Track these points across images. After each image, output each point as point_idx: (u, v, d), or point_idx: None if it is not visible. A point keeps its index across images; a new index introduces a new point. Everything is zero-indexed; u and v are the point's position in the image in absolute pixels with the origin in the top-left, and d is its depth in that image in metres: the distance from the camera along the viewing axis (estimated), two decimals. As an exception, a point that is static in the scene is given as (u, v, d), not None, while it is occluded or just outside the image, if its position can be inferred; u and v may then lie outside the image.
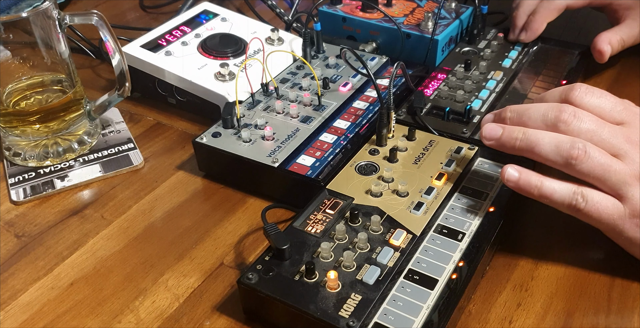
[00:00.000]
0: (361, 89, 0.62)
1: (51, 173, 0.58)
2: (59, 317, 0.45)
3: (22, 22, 0.53)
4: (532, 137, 0.44)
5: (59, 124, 0.59)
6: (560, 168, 0.44)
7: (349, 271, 0.42)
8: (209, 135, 0.56)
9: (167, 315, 0.45)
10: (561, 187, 0.43)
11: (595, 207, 0.42)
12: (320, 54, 0.67)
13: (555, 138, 0.44)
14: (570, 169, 0.43)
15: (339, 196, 0.48)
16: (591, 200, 0.43)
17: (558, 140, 0.43)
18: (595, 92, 0.46)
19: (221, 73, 0.62)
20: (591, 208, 0.43)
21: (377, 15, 0.71)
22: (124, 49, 0.62)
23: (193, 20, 0.70)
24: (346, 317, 0.38)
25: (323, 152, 0.54)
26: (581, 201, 0.43)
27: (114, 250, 0.50)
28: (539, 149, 0.44)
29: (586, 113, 0.44)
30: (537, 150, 0.44)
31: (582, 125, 0.44)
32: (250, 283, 0.41)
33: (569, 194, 0.43)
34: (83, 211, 0.55)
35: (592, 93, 0.46)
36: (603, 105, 0.45)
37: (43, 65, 0.58)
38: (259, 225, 0.52)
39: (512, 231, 0.50)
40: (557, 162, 0.43)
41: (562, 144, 0.43)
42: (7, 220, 0.54)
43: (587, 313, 0.43)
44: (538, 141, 0.44)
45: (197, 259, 0.49)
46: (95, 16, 0.55)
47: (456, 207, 0.48)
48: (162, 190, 0.57)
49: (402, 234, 0.44)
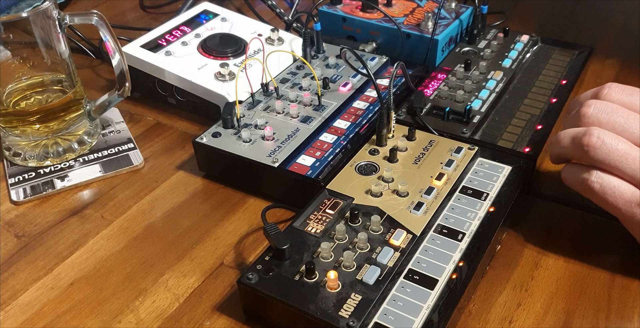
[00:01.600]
0: (361, 89, 0.62)
1: (51, 173, 0.58)
2: (59, 317, 0.45)
3: (22, 22, 0.53)
4: (554, 138, 0.45)
5: (59, 124, 0.59)
6: (578, 158, 0.44)
7: (349, 271, 0.42)
8: (209, 135, 0.56)
9: (167, 315, 0.45)
10: (576, 166, 0.44)
11: (612, 191, 0.42)
12: (320, 54, 0.67)
13: (573, 130, 0.44)
14: (586, 157, 0.43)
15: (339, 196, 0.48)
16: (607, 183, 0.42)
17: (575, 131, 0.44)
18: (627, 90, 0.45)
19: (221, 73, 0.62)
20: (607, 191, 0.42)
21: (377, 15, 0.71)
22: (124, 49, 0.62)
23: (193, 20, 0.70)
24: (346, 317, 0.38)
25: (323, 152, 0.54)
26: (594, 180, 0.42)
27: (114, 250, 0.50)
28: (560, 144, 0.44)
29: (609, 104, 0.44)
30: (557, 146, 0.45)
31: (601, 115, 0.43)
32: (250, 283, 0.41)
33: (583, 172, 0.43)
34: (83, 211, 0.55)
35: (623, 90, 0.45)
36: (634, 101, 0.44)
37: (43, 65, 0.58)
38: (259, 225, 0.52)
39: (513, 231, 0.50)
40: (574, 152, 0.44)
41: (578, 134, 0.43)
42: (7, 220, 0.54)
43: (587, 313, 0.43)
44: (558, 138, 0.45)
45: (197, 259, 0.49)
46: (95, 16, 0.55)
47: (456, 207, 0.47)
48: (162, 190, 0.57)
49: (402, 234, 0.44)
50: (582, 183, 0.43)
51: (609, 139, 0.42)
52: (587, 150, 0.42)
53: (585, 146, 0.42)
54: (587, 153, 0.42)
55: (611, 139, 0.42)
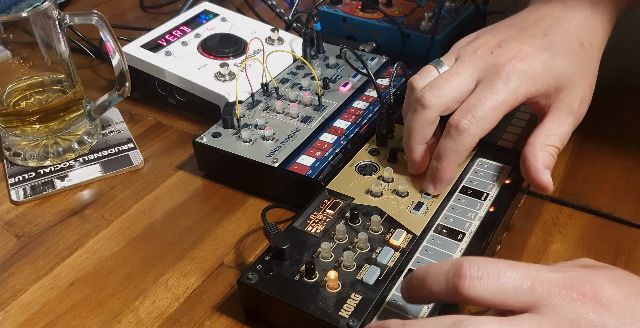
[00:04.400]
0: (361, 89, 0.62)
1: (51, 173, 0.58)
2: (59, 317, 0.45)
3: (22, 22, 0.53)
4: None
5: (59, 124, 0.59)
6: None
7: (349, 271, 0.42)
8: (209, 135, 0.56)
9: (167, 315, 0.45)
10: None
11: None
12: (320, 54, 0.67)
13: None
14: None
15: (339, 196, 0.48)
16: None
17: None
18: (490, 271, 0.33)
19: (221, 73, 0.62)
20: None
21: (377, 15, 0.70)
22: (124, 49, 0.62)
23: (193, 20, 0.70)
24: (346, 317, 0.38)
25: (323, 152, 0.54)
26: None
27: (114, 250, 0.50)
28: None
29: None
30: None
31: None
32: (250, 283, 0.41)
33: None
34: (83, 211, 0.55)
35: (487, 274, 0.33)
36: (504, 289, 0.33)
37: (43, 65, 0.58)
38: (259, 225, 0.52)
39: (513, 231, 0.50)
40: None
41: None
42: (7, 220, 0.54)
43: (587, 313, 0.43)
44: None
45: (197, 259, 0.49)
46: (95, 16, 0.55)
47: (456, 207, 0.47)
48: (162, 190, 0.57)
49: (402, 234, 0.44)
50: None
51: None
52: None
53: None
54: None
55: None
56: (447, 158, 0.46)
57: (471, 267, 0.33)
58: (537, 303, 0.32)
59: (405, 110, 0.49)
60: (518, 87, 0.45)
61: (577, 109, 0.47)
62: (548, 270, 0.34)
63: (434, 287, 0.34)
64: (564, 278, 0.33)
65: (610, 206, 0.52)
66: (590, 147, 0.59)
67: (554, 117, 0.47)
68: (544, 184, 0.46)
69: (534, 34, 0.48)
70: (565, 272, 0.33)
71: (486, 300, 0.33)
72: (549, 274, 0.33)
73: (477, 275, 0.33)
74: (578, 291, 0.32)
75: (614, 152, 0.58)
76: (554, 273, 0.33)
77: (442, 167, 0.46)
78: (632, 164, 0.56)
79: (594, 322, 0.31)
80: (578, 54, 0.47)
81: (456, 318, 0.32)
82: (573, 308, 0.32)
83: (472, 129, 0.45)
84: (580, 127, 0.48)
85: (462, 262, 0.33)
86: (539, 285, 0.32)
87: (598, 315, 0.31)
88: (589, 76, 0.48)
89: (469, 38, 0.50)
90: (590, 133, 0.60)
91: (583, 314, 0.31)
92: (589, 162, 0.57)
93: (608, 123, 0.61)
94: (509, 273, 0.33)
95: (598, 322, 0.31)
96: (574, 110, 0.47)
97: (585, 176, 0.55)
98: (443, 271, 0.34)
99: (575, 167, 0.56)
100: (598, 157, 0.57)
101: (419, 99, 0.46)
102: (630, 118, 0.62)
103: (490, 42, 0.48)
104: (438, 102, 0.45)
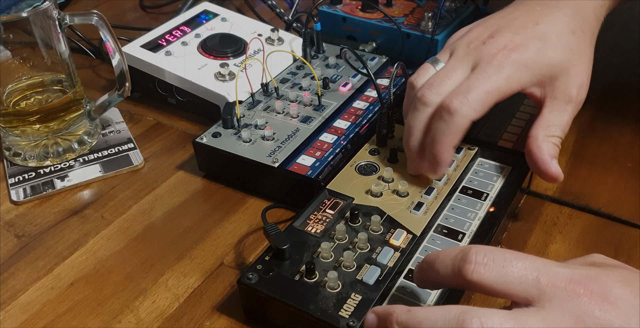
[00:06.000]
0: (361, 89, 0.62)
1: (51, 173, 0.58)
2: (59, 317, 0.45)
3: (22, 22, 0.53)
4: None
5: (59, 124, 0.59)
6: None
7: (349, 271, 0.42)
8: (209, 135, 0.56)
9: (167, 315, 0.45)
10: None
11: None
12: (320, 54, 0.67)
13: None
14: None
15: (339, 196, 0.48)
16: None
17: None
18: (497, 259, 0.33)
19: (221, 73, 0.62)
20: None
21: (377, 15, 0.71)
22: (124, 49, 0.62)
23: (193, 20, 0.70)
24: (346, 317, 0.38)
25: (323, 152, 0.54)
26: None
27: (114, 250, 0.50)
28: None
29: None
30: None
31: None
32: (250, 283, 0.41)
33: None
34: (83, 211, 0.55)
35: (492, 261, 0.33)
36: (508, 278, 0.33)
37: (43, 65, 0.58)
38: (259, 225, 0.52)
39: (513, 231, 0.50)
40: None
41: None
42: (7, 220, 0.54)
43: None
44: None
45: (197, 259, 0.49)
46: (95, 16, 0.55)
47: (456, 207, 0.47)
48: (162, 190, 0.57)
49: (402, 234, 0.44)
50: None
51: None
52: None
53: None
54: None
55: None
56: (440, 141, 0.45)
57: (478, 253, 0.33)
58: (541, 296, 0.32)
59: (406, 110, 0.49)
60: (511, 76, 0.45)
61: (576, 97, 0.47)
62: (557, 265, 0.34)
63: (441, 270, 0.35)
64: (572, 273, 0.32)
65: (610, 206, 0.52)
66: (590, 147, 0.59)
67: (552, 107, 0.47)
68: (554, 174, 0.46)
69: (525, 23, 0.48)
70: (574, 268, 0.33)
71: (489, 287, 0.33)
72: (556, 268, 0.33)
73: (482, 261, 0.33)
74: (585, 287, 0.32)
75: (614, 152, 0.58)
76: (562, 268, 0.33)
77: (437, 150, 0.46)
78: (632, 164, 0.56)
79: (599, 319, 0.31)
80: (570, 41, 0.47)
81: (462, 308, 0.32)
82: (578, 304, 0.31)
83: (463, 109, 0.44)
84: (581, 127, 0.48)
85: (470, 248, 0.34)
86: (545, 278, 0.32)
87: (604, 313, 0.31)
88: (584, 63, 0.48)
89: (462, 32, 0.51)
90: (590, 133, 0.60)
91: (588, 311, 0.31)
92: (589, 162, 0.57)
93: (608, 123, 0.61)
94: (515, 263, 0.33)
95: (603, 320, 0.31)
96: (572, 98, 0.47)
97: (585, 176, 0.55)
98: (451, 255, 0.34)
99: (575, 167, 0.56)
100: (598, 157, 0.57)
101: (419, 97, 0.46)
102: (630, 118, 0.62)
103: (483, 34, 0.48)
104: (438, 99, 0.46)
